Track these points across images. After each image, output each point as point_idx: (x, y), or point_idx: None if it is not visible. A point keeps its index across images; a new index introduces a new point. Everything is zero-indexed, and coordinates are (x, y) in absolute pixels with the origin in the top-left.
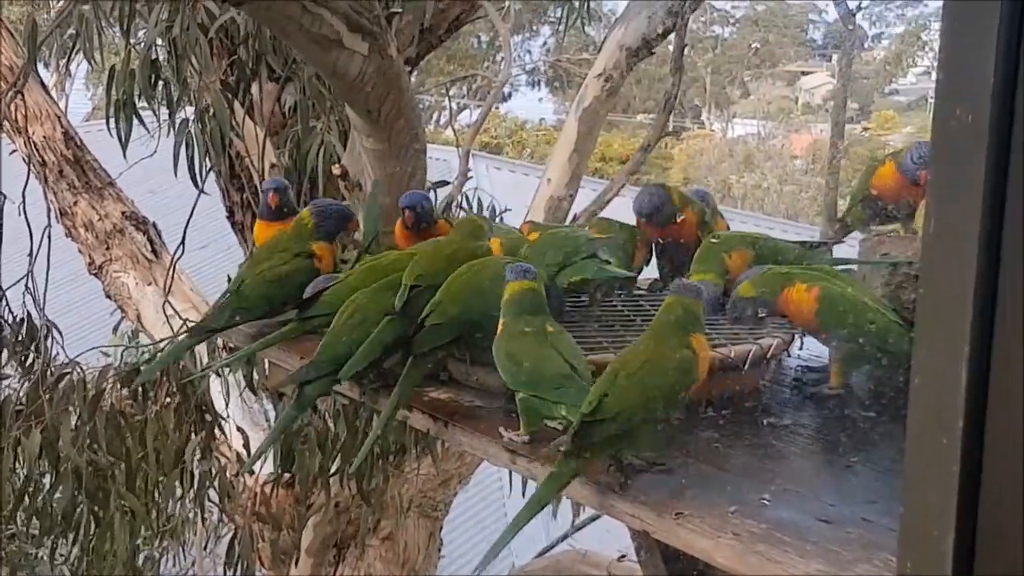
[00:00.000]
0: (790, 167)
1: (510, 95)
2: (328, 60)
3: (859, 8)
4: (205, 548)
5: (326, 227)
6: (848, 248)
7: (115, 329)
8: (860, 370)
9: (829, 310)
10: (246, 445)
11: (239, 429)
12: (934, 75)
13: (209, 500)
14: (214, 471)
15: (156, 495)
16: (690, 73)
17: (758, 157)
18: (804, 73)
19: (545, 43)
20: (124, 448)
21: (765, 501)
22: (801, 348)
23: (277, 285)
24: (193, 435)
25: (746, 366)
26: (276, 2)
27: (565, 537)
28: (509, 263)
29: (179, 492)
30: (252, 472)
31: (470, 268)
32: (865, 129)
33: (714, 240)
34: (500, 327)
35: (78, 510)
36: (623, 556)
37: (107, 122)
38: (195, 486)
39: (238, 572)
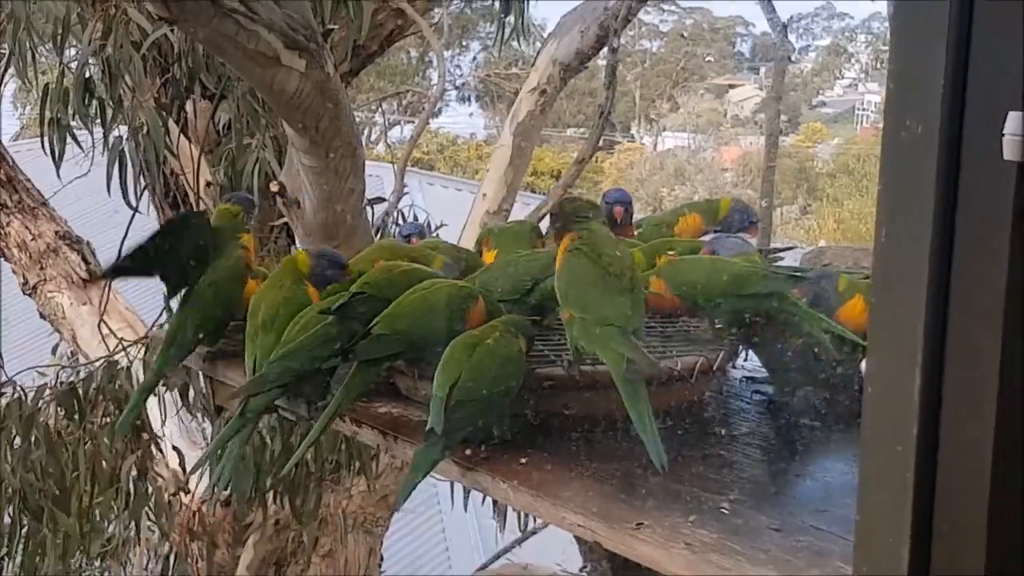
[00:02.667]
0: (720, 179)
1: (440, 111)
2: (265, 77)
3: (790, 20)
4: (147, 568)
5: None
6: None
7: (54, 350)
8: (745, 330)
9: (673, 275)
10: (182, 464)
11: (175, 448)
12: (860, 87)
13: (148, 519)
14: (150, 490)
15: (92, 515)
16: (620, 87)
17: (688, 170)
18: (732, 86)
19: (475, 58)
20: (59, 467)
21: (723, 511)
22: (746, 359)
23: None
24: (129, 454)
25: (693, 378)
26: (211, 20)
27: (505, 552)
28: (463, 287)
29: (115, 511)
30: (188, 491)
31: (426, 287)
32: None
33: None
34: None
35: (18, 530)
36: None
37: (41, 141)
38: (130, 505)
39: None
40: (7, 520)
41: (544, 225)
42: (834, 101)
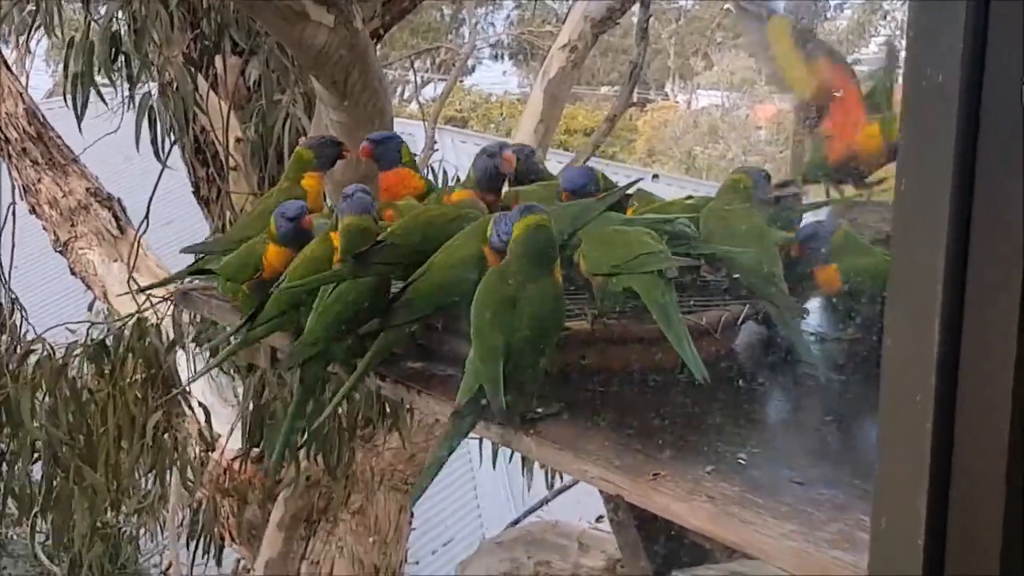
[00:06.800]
0: (754, 138)
1: (474, 68)
2: (293, 33)
3: None
4: (180, 525)
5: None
6: None
7: (90, 306)
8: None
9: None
10: (208, 421)
11: (201, 405)
12: (896, 44)
13: (177, 476)
14: (177, 446)
15: (120, 471)
16: (654, 44)
17: (722, 128)
18: None
19: (508, 15)
20: (86, 423)
21: (741, 461)
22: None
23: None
24: (158, 410)
25: (719, 332)
26: None
27: (536, 508)
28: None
29: (143, 467)
30: (213, 448)
31: (452, 246)
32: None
33: None
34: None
35: (46, 487)
36: (600, 518)
37: (64, 96)
38: (157, 461)
39: (201, 545)
40: (37, 477)
41: None
42: (869, 59)
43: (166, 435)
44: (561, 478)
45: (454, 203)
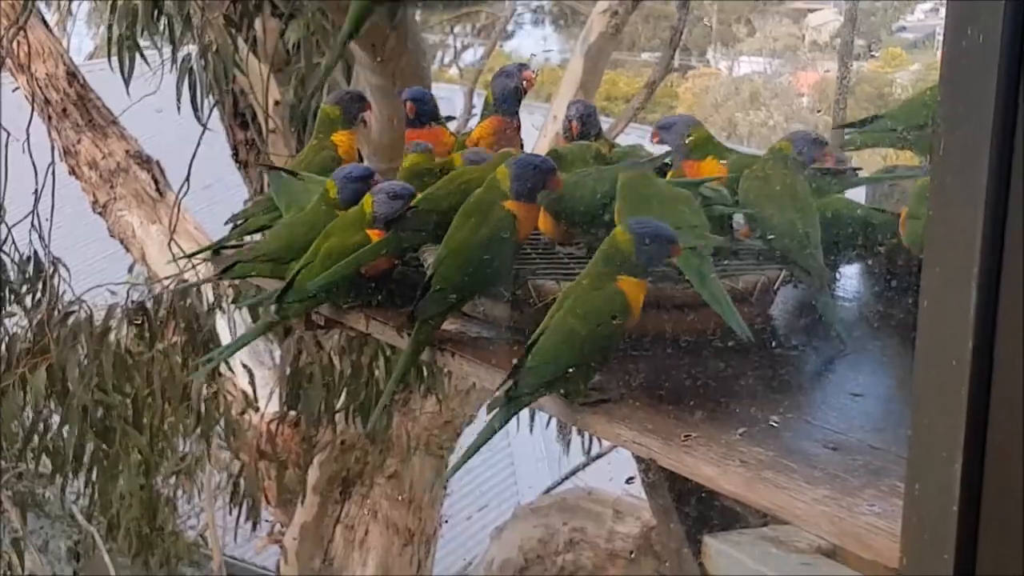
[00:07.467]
0: (796, 105)
1: (514, 33)
2: None
3: None
4: (217, 487)
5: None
6: None
7: (131, 268)
8: None
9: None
10: (252, 383)
11: (244, 366)
12: (942, 11)
13: (218, 438)
14: (220, 408)
15: (163, 432)
16: (695, 11)
17: (764, 95)
18: (811, 11)
19: None
20: (130, 386)
21: (774, 424)
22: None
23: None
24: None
25: (754, 296)
26: None
27: (571, 475)
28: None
29: (184, 430)
30: (257, 409)
31: (472, 219)
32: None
33: None
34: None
35: (87, 448)
36: (631, 479)
37: (108, 59)
38: (200, 423)
39: (243, 509)
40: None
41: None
42: (914, 26)
43: (215, 396)
44: (600, 444)
45: (479, 137)
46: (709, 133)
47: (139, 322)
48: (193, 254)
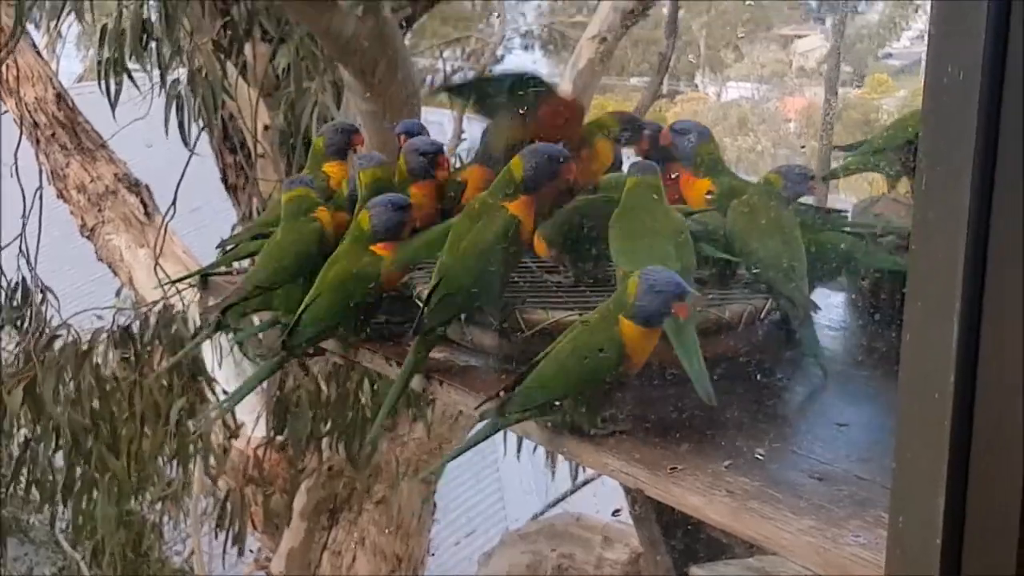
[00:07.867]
0: (784, 130)
1: (503, 57)
2: (322, 21)
3: None
4: (203, 513)
5: None
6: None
7: (118, 292)
8: None
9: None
10: (232, 410)
11: (226, 392)
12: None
13: (207, 465)
14: (201, 435)
15: (143, 458)
16: (684, 36)
17: (752, 120)
18: (798, 36)
19: (539, 5)
20: (110, 409)
21: (759, 455)
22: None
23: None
24: (182, 396)
25: (741, 326)
26: None
27: (559, 500)
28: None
29: (166, 454)
30: (237, 436)
31: (468, 235)
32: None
33: None
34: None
35: (68, 473)
36: (618, 511)
37: (99, 82)
38: (180, 448)
39: (229, 535)
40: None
41: None
42: (901, 53)
43: (190, 422)
44: (584, 470)
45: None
46: (718, 153)
47: (124, 346)
48: (179, 280)
